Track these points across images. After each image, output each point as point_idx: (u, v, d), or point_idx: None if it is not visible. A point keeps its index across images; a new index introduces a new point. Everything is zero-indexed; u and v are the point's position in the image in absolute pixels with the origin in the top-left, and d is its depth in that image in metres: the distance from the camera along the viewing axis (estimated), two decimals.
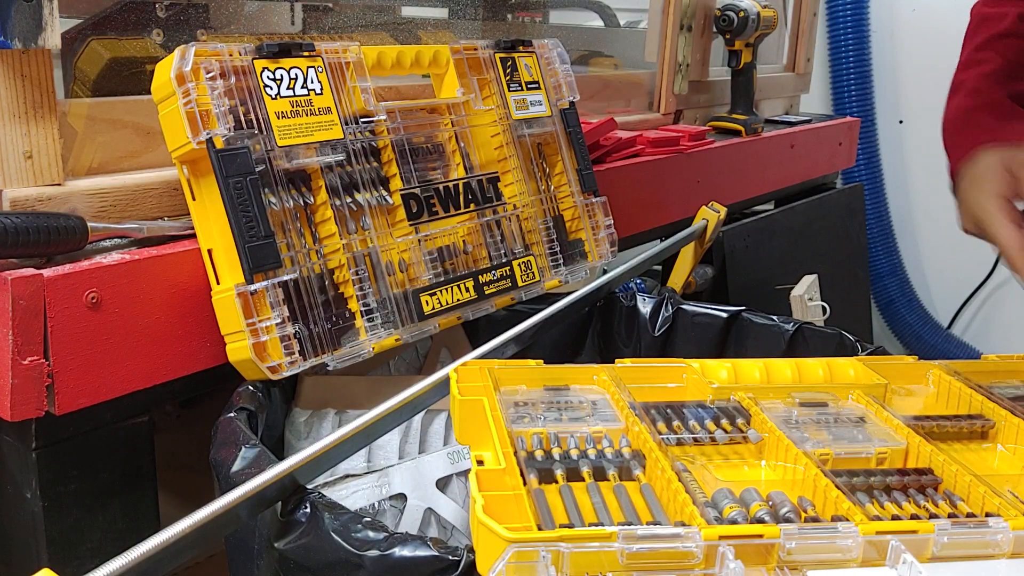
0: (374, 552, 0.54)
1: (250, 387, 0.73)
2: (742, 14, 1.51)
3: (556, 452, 0.59)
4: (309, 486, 0.61)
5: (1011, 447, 0.66)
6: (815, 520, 0.53)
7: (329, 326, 0.76)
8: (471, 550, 0.51)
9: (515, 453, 0.55)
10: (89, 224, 0.71)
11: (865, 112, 2.36)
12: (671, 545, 0.46)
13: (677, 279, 1.23)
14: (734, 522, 0.52)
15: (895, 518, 0.54)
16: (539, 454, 0.59)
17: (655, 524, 0.52)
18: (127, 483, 0.78)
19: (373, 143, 0.82)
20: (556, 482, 0.57)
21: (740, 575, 0.46)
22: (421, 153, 0.87)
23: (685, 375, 0.70)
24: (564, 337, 1.06)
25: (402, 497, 0.77)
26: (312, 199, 0.77)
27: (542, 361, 0.69)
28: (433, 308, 0.83)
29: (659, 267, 1.36)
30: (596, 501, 0.55)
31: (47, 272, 0.66)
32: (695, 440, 0.63)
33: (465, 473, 0.79)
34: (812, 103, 2.31)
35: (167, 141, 0.72)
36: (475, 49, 0.93)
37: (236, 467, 0.62)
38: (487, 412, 0.59)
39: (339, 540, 0.55)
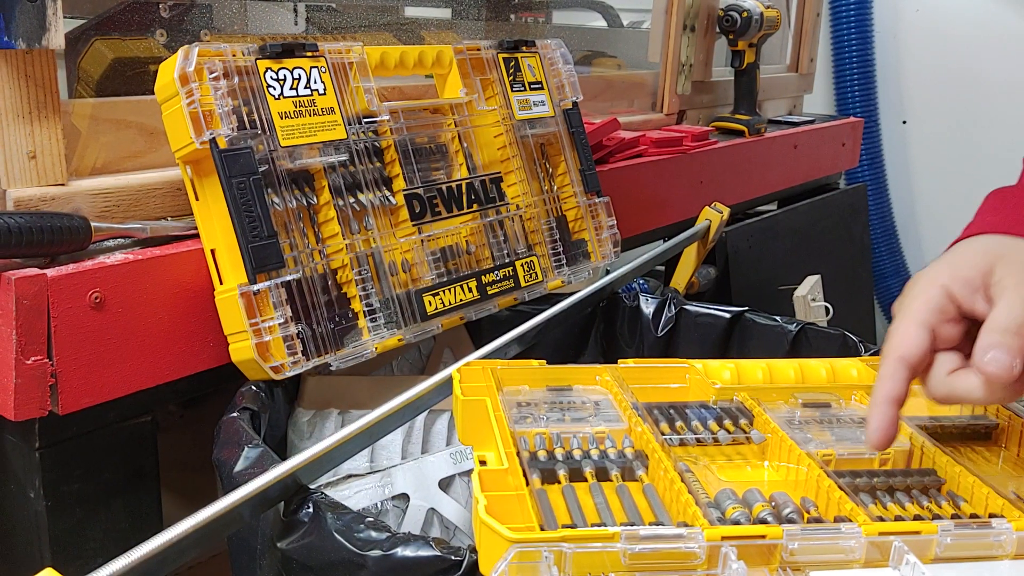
0: (377, 552, 0.54)
1: (253, 387, 0.73)
2: (745, 14, 1.51)
3: (559, 452, 0.59)
4: (312, 486, 0.61)
5: (1014, 448, 0.66)
6: (818, 521, 0.53)
7: (332, 326, 0.76)
8: (474, 550, 0.51)
9: (518, 453, 0.55)
10: (92, 224, 0.71)
11: (868, 112, 2.36)
12: (674, 546, 0.46)
13: (680, 279, 1.23)
14: (737, 523, 0.52)
15: (898, 519, 0.54)
16: (542, 454, 0.59)
17: (658, 524, 0.52)
18: (130, 483, 0.78)
19: (376, 143, 0.82)
20: (559, 482, 0.57)
21: None
22: (424, 153, 0.87)
23: (688, 375, 0.70)
24: (567, 337, 1.06)
25: (405, 497, 0.77)
26: (315, 199, 0.77)
27: (545, 361, 0.69)
28: (436, 308, 0.83)
29: (662, 267, 1.36)
30: (599, 501, 0.55)
31: (51, 272, 0.66)
32: (698, 441, 0.63)
33: (468, 473, 0.79)
34: (815, 103, 2.31)
35: (170, 141, 0.72)
36: (478, 49, 0.93)
37: (239, 467, 0.62)
38: (490, 412, 0.59)
39: (342, 540, 0.55)
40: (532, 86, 0.97)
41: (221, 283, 0.73)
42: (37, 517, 0.73)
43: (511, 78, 0.95)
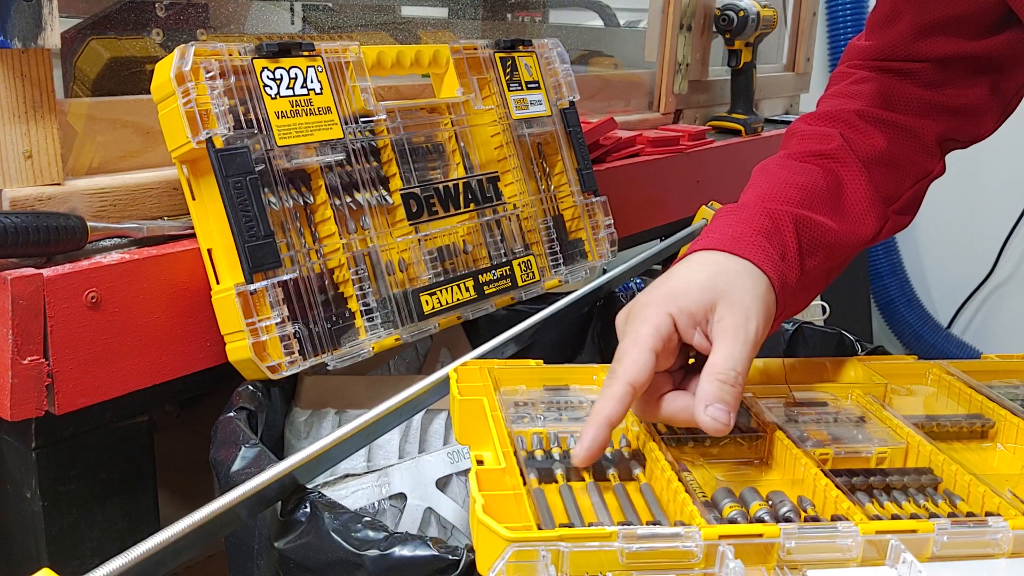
0: (374, 552, 0.54)
1: (250, 387, 0.73)
2: (742, 14, 1.51)
3: (556, 452, 0.59)
4: (309, 486, 0.61)
5: (1011, 447, 0.66)
6: (815, 520, 0.53)
7: (329, 326, 0.76)
8: (471, 550, 0.51)
9: (515, 453, 0.55)
10: (89, 224, 0.71)
11: None
12: (671, 544, 0.46)
13: None
14: (734, 521, 0.52)
15: (895, 517, 0.54)
16: (539, 454, 0.59)
17: (655, 524, 0.52)
18: (127, 483, 0.78)
19: (373, 143, 0.82)
20: (556, 482, 0.57)
21: (740, 574, 0.46)
22: (421, 153, 0.87)
23: None
24: (564, 337, 1.06)
25: (402, 497, 0.77)
26: (312, 199, 0.77)
27: (542, 361, 0.69)
28: (433, 308, 0.83)
29: (659, 267, 1.36)
30: (596, 501, 0.55)
31: (47, 272, 0.66)
32: (695, 440, 0.63)
33: (465, 473, 0.79)
34: (812, 103, 2.31)
35: (167, 141, 0.72)
36: (475, 49, 0.93)
37: (236, 467, 0.62)
38: (487, 412, 0.59)
39: (339, 540, 0.55)
40: (529, 85, 0.97)
41: (218, 283, 0.73)
42: (34, 517, 0.73)
43: (508, 77, 0.95)
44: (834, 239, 0.70)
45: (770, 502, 0.54)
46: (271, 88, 0.74)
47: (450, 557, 0.53)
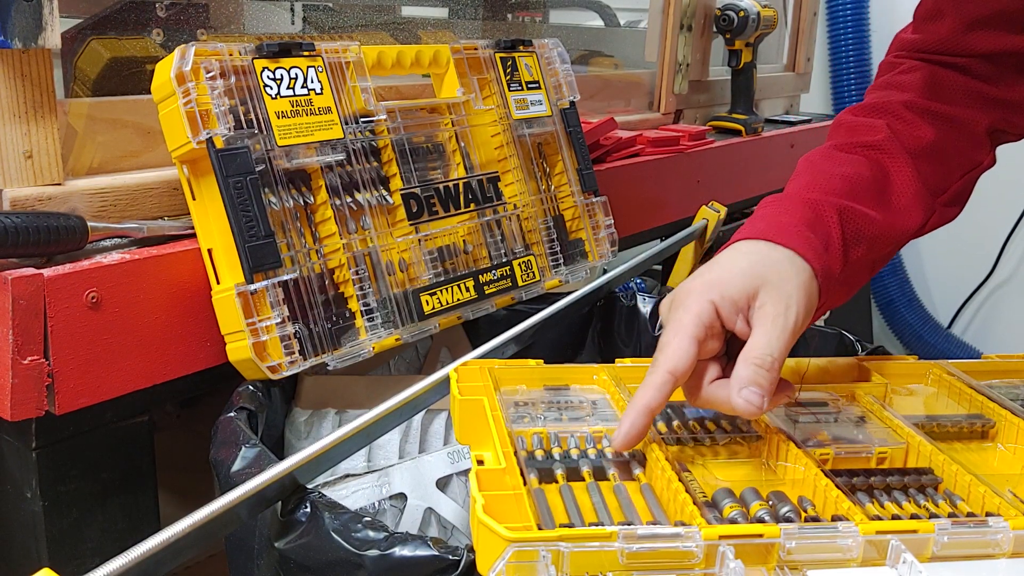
0: (374, 552, 0.54)
1: (250, 387, 0.73)
2: (742, 14, 1.51)
3: (556, 452, 0.59)
4: (309, 486, 0.61)
5: (1011, 447, 0.66)
6: (815, 520, 0.53)
7: (329, 326, 0.76)
8: (471, 550, 0.51)
9: (515, 453, 0.55)
10: (89, 224, 0.71)
11: None
12: (671, 545, 0.46)
13: (677, 279, 1.23)
14: (734, 522, 0.52)
15: (895, 518, 0.54)
16: (539, 454, 0.59)
17: (655, 524, 0.52)
18: (127, 483, 0.78)
19: (373, 143, 0.82)
20: (556, 482, 0.57)
21: (740, 575, 0.46)
22: (421, 153, 0.87)
23: None
24: (564, 337, 1.06)
25: (402, 497, 0.77)
26: (312, 199, 0.77)
27: (542, 361, 0.69)
28: (433, 308, 0.83)
29: (659, 267, 1.36)
30: (596, 501, 0.55)
31: (47, 272, 0.66)
32: (695, 440, 0.63)
33: (465, 473, 0.79)
34: (812, 103, 2.31)
35: (167, 141, 0.72)
36: (475, 49, 0.93)
37: (236, 467, 0.62)
38: (487, 412, 0.59)
39: (339, 540, 0.55)
40: (529, 85, 0.97)
41: (218, 283, 0.73)
42: (34, 517, 0.73)
43: (508, 77, 0.95)
44: (879, 230, 0.70)
45: (770, 502, 0.54)
46: (271, 88, 0.74)
47: (450, 557, 0.53)
